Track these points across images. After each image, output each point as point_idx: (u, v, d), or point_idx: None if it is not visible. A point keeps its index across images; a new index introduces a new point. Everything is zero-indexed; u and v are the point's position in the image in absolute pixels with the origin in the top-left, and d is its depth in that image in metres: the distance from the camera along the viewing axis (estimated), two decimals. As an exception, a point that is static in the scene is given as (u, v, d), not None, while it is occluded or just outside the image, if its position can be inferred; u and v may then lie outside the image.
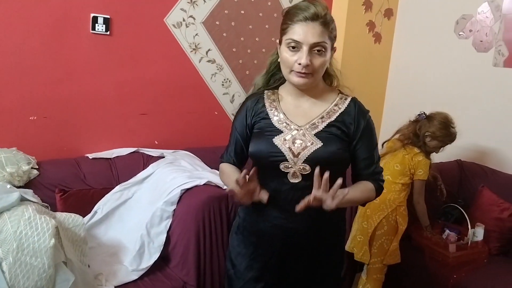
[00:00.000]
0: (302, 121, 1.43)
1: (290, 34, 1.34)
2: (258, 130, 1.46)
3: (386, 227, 2.40)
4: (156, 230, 2.17)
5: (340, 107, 1.45)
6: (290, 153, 1.38)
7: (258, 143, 1.44)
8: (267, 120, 1.45)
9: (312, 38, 1.32)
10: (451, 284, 2.30)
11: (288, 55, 1.35)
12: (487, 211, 2.60)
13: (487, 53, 2.95)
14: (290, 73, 1.37)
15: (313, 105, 1.45)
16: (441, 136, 2.41)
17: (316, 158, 1.36)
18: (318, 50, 1.34)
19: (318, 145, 1.37)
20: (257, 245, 1.51)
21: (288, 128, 1.42)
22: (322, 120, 1.42)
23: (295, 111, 1.45)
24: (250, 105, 1.51)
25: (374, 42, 3.46)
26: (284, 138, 1.40)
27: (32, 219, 1.63)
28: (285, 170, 1.39)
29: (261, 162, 1.43)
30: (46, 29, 2.29)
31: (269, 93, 1.52)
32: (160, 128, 2.77)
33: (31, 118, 2.35)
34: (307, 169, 1.37)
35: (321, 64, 1.36)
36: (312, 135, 1.39)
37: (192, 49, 2.78)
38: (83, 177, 2.37)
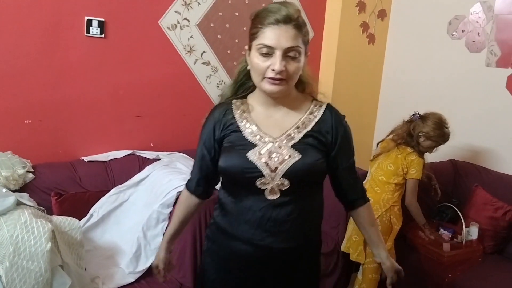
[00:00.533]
0: (276, 133, 1.31)
1: (261, 39, 1.23)
2: (229, 144, 1.34)
3: (380, 227, 2.41)
4: (153, 233, 2.18)
5: (316, 115, 1.35)
6: (266, 168, 1.26)
7: (230, 158, 1.31)
8: (238, 133, 1.33)
9: (285, 42, 1.22)
10: (446, 283, 2.32)
11: (259, 61, 1.24)
12: (481, 210, 2.63)
13: (479, 53, 2.98)
14: (262, 81, 1.26)
15: (286, 114, 1.35)
16: (435, 136, 2.43)
17: (295, 171, 1.27)
18: (292, 55, 1.24)
19: (296, 158, 1.27)
20: (230, 269, 1.39)
21: (262, 141, 1.30)
22: (297, 130, 1.32)
23: (268, 122, 1.34)
24: (218, 117, 1.37)
25: (368, 43, 3.48)
26: (259, 152, 1.28)
27: (29, 223, 1.63)
28: (261, 186, 1.27)
29: (234, 179, 1.33)
30: (41, 32, 2.29)
31: (238, 103, 1.39)
32: (156, 131, 2.77)
33: (26, 121, 2.35)
34: (285, 184, 1.27)
35: (296, 70, 1.26)
36: (289, 147, 1.29)
37: (187, 51, 2.79)
38: (79, 180, 2.37)
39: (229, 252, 1.38)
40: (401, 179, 2.44)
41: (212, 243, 1.44)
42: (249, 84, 1.39)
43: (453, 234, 2.54)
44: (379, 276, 2.48)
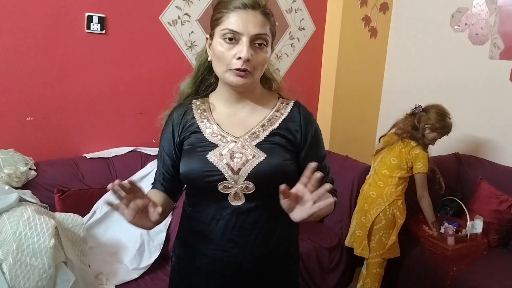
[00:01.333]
0: (239, 132, 1.21)
1: (226, 23, 1.12)
2: (189, 146, 1.22)
3: (384, 221, 2.41)
4: (156, 229, 2.15)
5: (283, 113, 1.25)
6: (228, 170, 1.15)
7: (189, 162, 1.20)
8: (198, 134, 1.22)
9: (253, 28, 1.12)
10: (450, 276, 2.31)
11: (223, 48, 1.13)
12: (485, 203, 2.61)
13: (483, 45, 2.96)
14: (227, 72, 1.15)
15: (251, 112, 1.24)
16: (440, 127, 2.42)
17: (260, 173, 1.15)
18: (259, 44, 1.14)
19: (261, 158, 1.16)
20: (196, 286, 1.28)
21: (223, 140, 1.19)
22: (263, 128, 1.21)
23: (231, 121, 1.23)
24: (176, 118, 1.27)
25: (370, 37, 3.46)
26: (220, 153, 1.17)
27: (32, 220, 1.62)
28: (224, 191, 1.16)
29: (195, 184, 1.21)
30: (41, 29, 2.28)
31: (198, 102, 1.29)
32: (158, 127, 2.74)
33: (28, 119, 2.34)
34: (250, 188, 1.16)
35: (262, 61, 1.16)
36: (253, 146, 1.18)
37: (188, 47, 2.77)
38: (81, 177, 2.36)
39: (194, 268, 1.27)
40: (405, 172, 2.43)
41: (177, 259, 1.34)
42: (210, 80, 1.30)
43: (457, 228, 2.53)
44: (383, 271, 2.48)
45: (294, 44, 3.26)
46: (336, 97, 3.39)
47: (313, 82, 3.45)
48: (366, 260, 2.50)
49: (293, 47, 3.25)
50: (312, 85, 3.45)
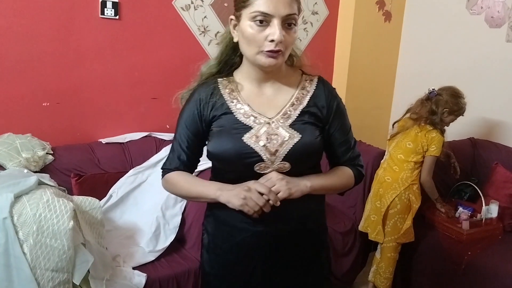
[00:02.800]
0: (270, 112, 1.22)
1: (256, 5, 1.12)
2: (220, 128, 1.23)
3: (399, 205, 2.40)
4: (171, 212, 2.20)
5: (309, 90, 1.26)
6: (266, 152, 1.18)
7: (223, 143, 1.21)
8: (230, 114, 1.22)
9: (283, 9, 1.11)
10: (465, 261, 2.30)
11: (254, 31, 1.13)
12: (501, 188, 2.59)
13: (500, 28, 2.90)
14: (258, 54, 1.15)
15: (278, 91, 1.26)
16: (457, 110, 2.40)
17: (296, 152, 1.19)
18: (289, 24, 1.14)
19: (296, 138, 1.19)
20: (235, 262, 1.30)
21: (257, 122, 1.20)
22: (293, 108, 1.23)
23: (259, 100, 1.24)
24: (203, 97, 1.26)
25: (384, 21, 3.42)
26: (255, 135, 1.19)
27: (51, 202, 1.65)
28: (260, 171, 1.19)
29: (229, 164, 1.23)
30: (55, 15, 2.29)
31: (224, 81, 1.28)
32: (172, 112, 2.75)
33: (44, 104, 2.37)
34: (286, 167, 1.20)
35: (293, 41, 1.18)
36: (287, 127, 1.20)
37: (201, 32, 2.77)
38: (97, 161, 2.40)
39: (232, 243, 1.29)
40: (420, 157, 2.41)
41: (213, 237, 1.34)
42: (234, 60, 1.30)
43: (472, 213, 2.51)
44: (397, 255, 2.48)
45: (307, 29, 3.23)
46: (349, 83, 3.36)
47: (326, 67, 3.43)
48: (381, 245, 2.50)
49: (306, 31, 3.23)
50: (326, 70, 3.42)
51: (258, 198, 1.12)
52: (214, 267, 1.35)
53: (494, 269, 2.22)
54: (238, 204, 1.13)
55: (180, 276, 2.03)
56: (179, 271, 2.04)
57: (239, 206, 1.13)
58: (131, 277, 1.90)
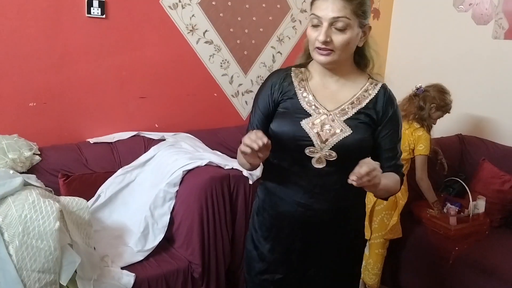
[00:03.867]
0: (331, 105, 1.36)
1: (313, 9, 1.29)
2: (284, 110, 1.39)
3: (385, 202, 2.42)
4: (160, 212, 2.20)
5: (370, 93, 1.38)
6: (317, 139, 1.32)
7: (284, 124, 1.37)
8: (295, 100, 1.38)
9: (331, 13, 1.25)
10: (453, 256, 2.33)
11: (310, 31, 1.31)
12: (488, 183, 2.62)
13: (486, 25, 2.93)
14: (313, 51, 1.32)
15: (342, 87, 1.39)
16: (444, 106, 2.43)
17: (344, 145, 1.32)
18: (340, 27, 1.26)
19: (347, 133, 1.32)
20: (279, 227, 1.46)
21: (316, 111, 1.35)
22: (352, 106, 1.36)
23: (323, 93, 1.38)
24: (276, 81, 1.42)
25: (372, 18, 3.43)
26: (312, 122, 1.34)
27: (36, 203, 1.64)
28: (310, 154, 1.34)
29: (284, 144, 1.37)
30: (41, 14, 2.27)
31: (297, 71, 1.43)
32: (160, 111, 2.77)
33: (31, 104, 2.35)
34: (333, 156, 1.33)
35: (343, 42, 1.27)
36: (342, 121, 1.34)
37: (189, 31, 2.76)
38: (85, 161, 2.38)
39: (276, 212, 1.44)
40: (407, 154, 2.42)
41: (262, 202, 1.50)
42: None
43: (460, 208, 2.54)
44: (385, 251, 2.49)
45: (296, 27, 3.23)
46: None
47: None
48: (369, 241, 2.52)
49: (295, 29, 3.23)
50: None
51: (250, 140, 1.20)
52: (262, 228, 1.50)
53: (481, 264, 2.25)
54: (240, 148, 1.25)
55: (169, 275, 2.03)
56: (168, 271, 2.04)
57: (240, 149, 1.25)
58: (120, 277, 1.89)
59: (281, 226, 1.46)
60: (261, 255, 1.50)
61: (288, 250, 1.47)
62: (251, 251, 1.54)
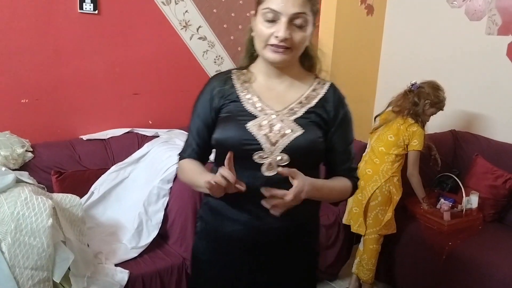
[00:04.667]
0: (278, 106, 1.26)
1: (267, 2, 1.17)
2: (227, 114, 1.26)
3: (380, 197, 2.43)
4: (154, 208, 2.19)
5: (319, 92, 1.30)
6: (266, 141, 1.20)
7: (227, 129, 1.24)
8: (238, 103, 1.26)
9: (292, 8, 1.15)
10: (446, 251, 2.34)
11: (263, 27, 1.18)
12: (481, 179, 2.63)
13: (479, 21, 2.94)
14: (265, 48, 1.20)
15: (289, 88, 1.29)
16: (438, 102, 2.44)
17: (295, 147, 1.20)
18: (299, 23, 1.18)
19: (298, 132, 1.21)
20: (225, 252, 1.32)
21: (263, 112, 1.24)
22: (300, 105, 1.27)
23: (269, 94, 1.28)
24: (216, 85, 1.30)
25: (366, 15, 3.43)
26: (259, 124, 1.22)
27: (29, 200, 1.63)
28: (259, 161, 1.21)
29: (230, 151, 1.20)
30: (33, 9, 2.25)
31: (238, 73, 1.33)
32: (154, 108, 2.76)
33: (23, 101, 2.33)
34: (284, 160, 1.20)
35: (302, 40, 1.20)
36: (291, 121, 1.23)
37: (183, 26, 2.75)
38: (78, 158, 2.37)
39: (223, 233, 1.30)
40: (401, 150, 2.43)
41: (205, 224, 1.37)
42: (255, 53, 1.32)
43: (453, 204, 2.55)
44: (380, 247, 2.50)
45: (290, 23, 3.22)
46: (332, 76, 3.28)
47: (310, 61, 3.43)
48: (363, 237, 2.53)
49: (288, 25, 3.22)
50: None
51: (222, 179, 1.09)
52: (206, 253, 1.37)
53: (475, 259, 2.26)
54: (206, 186, 1.12)
55: (163, 272, 2.03)
56: (162, 267, 2.04)
57: (205, 183, 1.11)
58: (113, 274, 1.89)
59: (227, 250, 1.31)
60: (207, 282, 1.37)
61: (236, 276, 1.33)
62: (196, 278, 1.43)
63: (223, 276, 1.34)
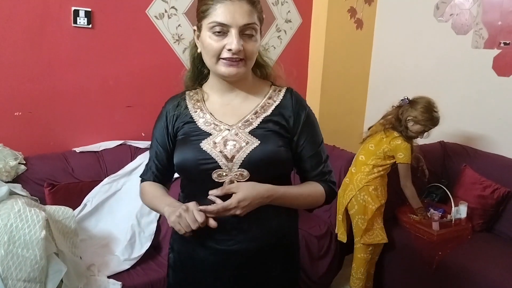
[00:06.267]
0: (232, 120, 1.21)
1: (214, 16, 1.12)
2: (182, 136, 1.24)
3: (356, 206, 2.46)
4: (147, 220, 2.20)
5: (275, 100, 1.25)
6: (222, 158, 1.16)
7: (183, 152, 1.21)
8: (192, 123, 1.23)
9: (241, 19, 1.11)
10: (436, 260, 2.36)
11: (212, 41, 1.13)
12: (470, 189, 2.67)
13: (466, 35, 3.01)
14: (217, 63, 1.15)
15: (244, 100, 1.24)
16: (424, 120, 2.42)
17: (253, 159, 1.15)
18: (249, 33, 1.14)
19: (254, 144, 1.16)
20: (201, 281, 1.27)
21: (217, 129, 1.20)
22: (256, 115, 1.22)
23: (223, 110, 1.24)
24: (170, 109, 1.28)
25: (356, 29, 3.50)
26: (213, 141, 1.18)
27: (22, 212, 1.64)
28: (219, 179, 1.16)
29: (189, 174, 1.22)
30: (27, 24, 2.28)
31: (191, 93, 1.30)
32: (147, 120, 2.77)
33: (16, 113, 2.35)
34: (245, 175, 1.16)
35: (254, 49, 1.16)
36: (247, 133, 1.18)
37: (176, 40, 2.79)
38: (71, 171, 2.38)
39: (197, 261, 1.25)
40: (380, 160, 2.45)
41: (176, 254, 1.33)
42: (204, 71, 1.30)
43: (442, 214, 2.58)
44: (369, 256, 2.51)
45: (281, 37, 3.28)
46: (323, 89, 3.42)
47: (300, 74, 3.48)
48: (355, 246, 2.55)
49: (280, 39, 3.28)
50: (300, 77, 3.48)
51: (192, 221, 1.07)
52: (182, 285, 1.33)
53: (464, 268, 2.28)
54: (172, 220, 1.10)
55: (156, 283, 2.03)
56: (155, 279, 2.04)
57: (172, 223, 1.10)
58: (106, 286, 1.89)
59: (203, 278, 1.26)
60: None
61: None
62: None
63: None
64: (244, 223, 1.18)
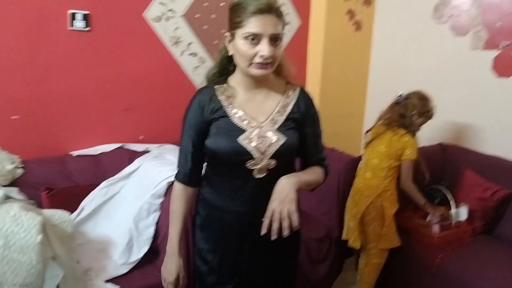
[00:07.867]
0: (261, 117, 1.44)
1: (248, 27, 1.32)
2: (218, 129, 1.42)
3: (373, 212, 2.43)
4: (144, 224, 2.18)
5: (292, 99, 1.49)
6: (256, 152, 1.39)
7: (220, 142, 1.41)
8: (226, 118, 1.42)
9: (271, 30, 1.32)
10: (437, 263, 2.35)
11: (247, 48, 1.33)
12: (470, 191, 2.66)
13: (465, 36, 3.00)
14: (250, 66, 1.36)
15: (266, 97, 1.47)
16: (425, 111, 2.44)
17: (281, 152, 1.41)
18: (276, 40, 1.35)
19: (282, 140, 1.41)
20: (226, 240, 1.51)
21: (250, 125, 1.42)
22: (279, 114, 1.46)
23: (251, 106, 1.45)
24: (204, 101, 1.44)
25: (354, 30, 3.49)
26: (248, 137, 1.40)
27: (18, 216, 1.63)
28: (251, 167, 1.41)
29: (223, 160, 1.43)
30: (24, 27, 2.27)
31: (220, 88, 1.46)
32: (144, 123, 2.77)
33: (13, 117, 2.34)
34: (272, 164, 1.41)
35: (280, 53, 1.38)
36: (275, 130, 1.42)
37: (173, 43, 2.78)
38: (69, 174, 2.37)
39: (224, 224, 1.49)
40: (393, 161, 2.43)
41: (204, 218, 1.54)
42: (229, 68, 1.50)
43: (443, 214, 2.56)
44: (383, 261, 2.49)
45: (280, 39, 3.27)
46: (322, 91, 3.41)
47: (299, 76, 3.47)
48: (364, 251, 2.52)
49: (278, 41, 3.26)
50: (298, 79, 3.43)
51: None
52: (208, 242, 1.53)
53: (464, 271, 2.26)
54: (162, 272, 1.57)
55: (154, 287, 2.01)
56: (153, 283, 2.01)
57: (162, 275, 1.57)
58: (103, 291, 1.87)
59: (228, 238, 1.51)
60: (211, 269, 1.54)
61: (237, 261, 1.52)
62: (200, 266, 1.58)
63: (224, 261, 1.52)
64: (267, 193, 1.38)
